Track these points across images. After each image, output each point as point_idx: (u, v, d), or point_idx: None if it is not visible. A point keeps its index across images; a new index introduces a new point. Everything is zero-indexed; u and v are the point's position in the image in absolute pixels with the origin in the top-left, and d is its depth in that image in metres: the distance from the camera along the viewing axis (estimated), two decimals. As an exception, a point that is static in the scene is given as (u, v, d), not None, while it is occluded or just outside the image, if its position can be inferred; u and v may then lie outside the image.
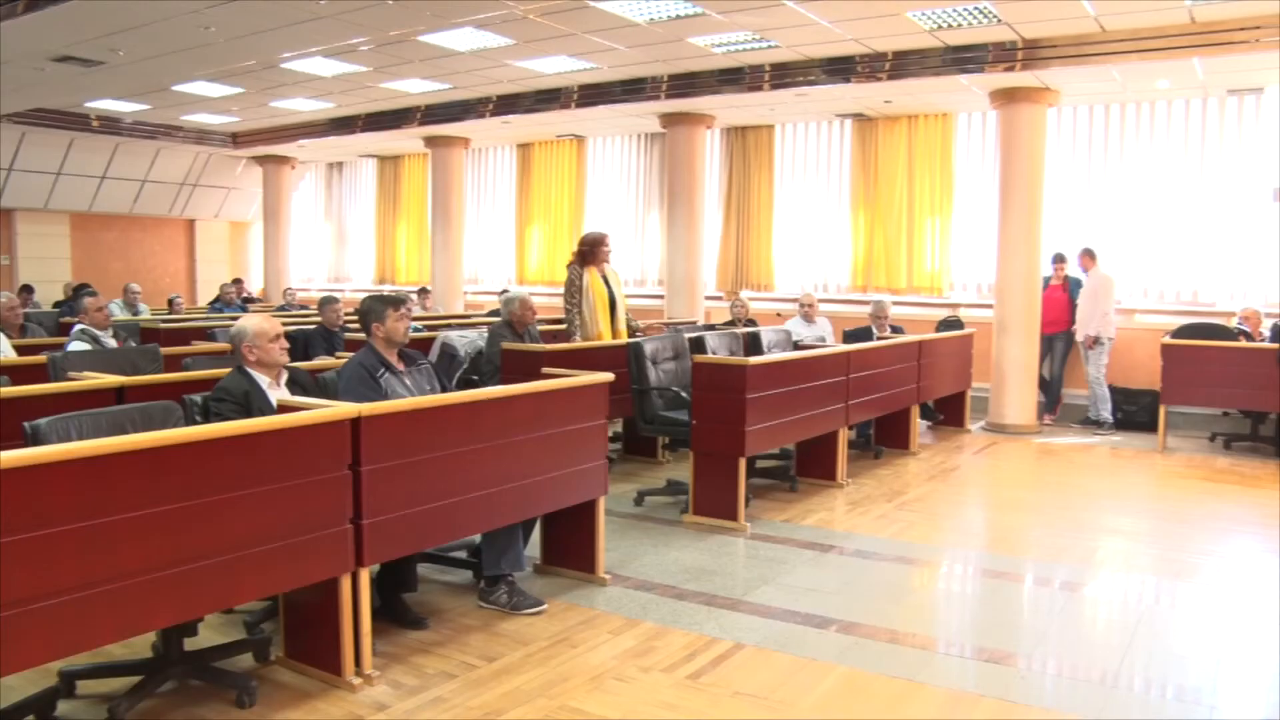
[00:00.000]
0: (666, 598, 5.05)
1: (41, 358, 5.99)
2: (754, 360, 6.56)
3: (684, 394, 6.73)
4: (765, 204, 13.94)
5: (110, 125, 15.56)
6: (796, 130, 13.73)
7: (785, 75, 10.97)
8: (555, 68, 11.42)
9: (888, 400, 8.38)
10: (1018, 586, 5.53)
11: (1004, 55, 9.54)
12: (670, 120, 12.98)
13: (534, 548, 5.29)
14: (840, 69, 10.52)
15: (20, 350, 6.68)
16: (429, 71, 11.77)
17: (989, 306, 11.31)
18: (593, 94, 12.50)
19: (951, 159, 12.45)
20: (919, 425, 9.36)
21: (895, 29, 9.22)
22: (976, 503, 7.64)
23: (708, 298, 13.66)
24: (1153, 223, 11.09)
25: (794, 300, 11.39)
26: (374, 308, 4.83)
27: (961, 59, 9.80)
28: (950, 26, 9.02)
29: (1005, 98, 10.45)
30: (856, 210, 13.18)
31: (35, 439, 3.47)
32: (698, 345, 7.23)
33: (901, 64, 10.15)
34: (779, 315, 11.99)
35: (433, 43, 10.19)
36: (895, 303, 11.18)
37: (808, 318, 10.17)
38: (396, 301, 4.87)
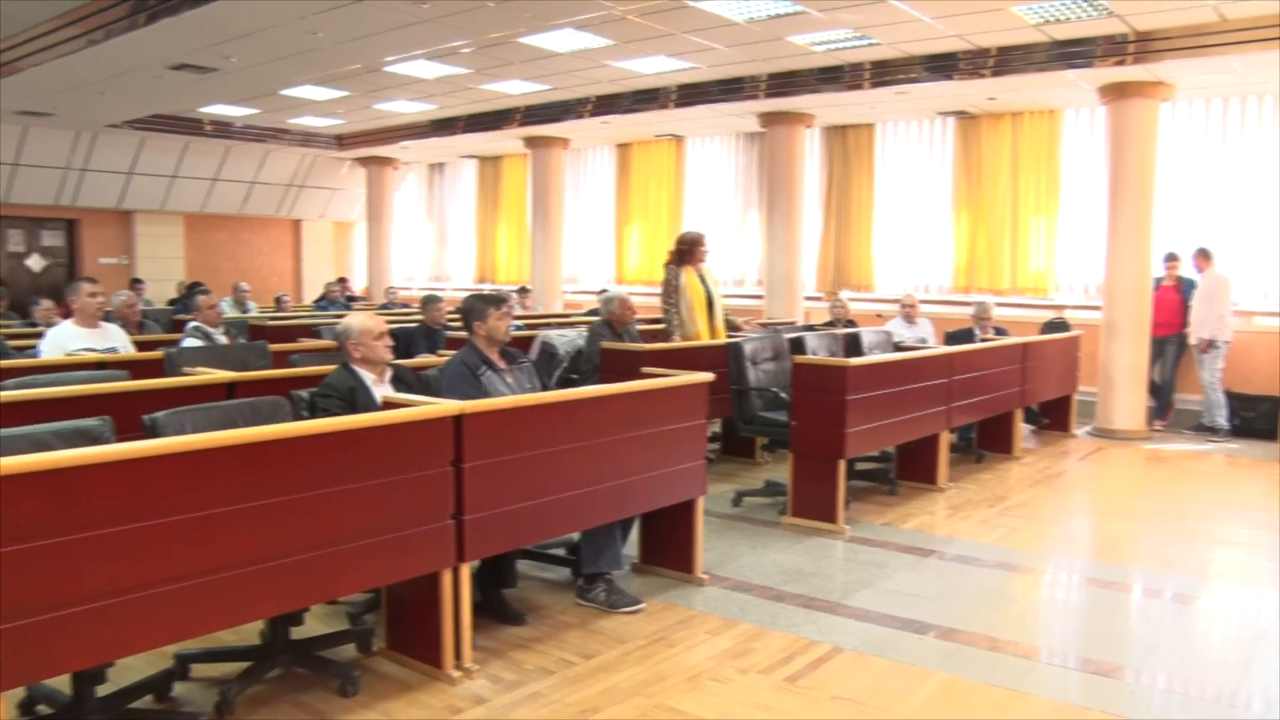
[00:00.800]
0: (764, 599, 5.02)
1: (158, 353, 6.19)
2: (855, 361, 6.49)
3: (783, 395, 6.68)
4: (865, 203, 13.77)
5: (222, 129, 16.06)
6: (897, 129, 13.53)
7: (886, 73, 10.82)
8: (654, 68, 11.43)
9: (990, 403, 8.21)
10: (1125, 597, 5.35)
11: (1114, 49, 9.26)
12: (769, 119, 12.90)
13: (632, 546, 5.31)
14: (942, 66, 10.33)
15: (138, 345, 6.90)
16: (529, 73, 11.87)
17: (1097, 308, 11.00)
18: (691, 94, 12.48)
19: (1058, 156, 12.14)
20: (1023, 429, 9.16)
21: (1000, 24, 9.02)
22: (1082, 509, 7.44)
23: (807, 298, 13.54)
24: (1273, 222, 10.65)
25: (894, 301, 11.24)
26: (476, 306, 4.89)
27: (1069, 53, 9.54)
28: (1058, 20, 8.79)
29: (1115, 93, 10.14)
30: (959, 209, 12.94)
31: (154, 431, 3.60)
32: (797, 346, 7.17)
33: (1006, 60, 9.93)
34: (879, 316, 11.83)
35: (533, 44, 10.28)
36: (998, 304, 10.95)
37: (909, 319, 10.02)
38: (498, 300, 4.93)
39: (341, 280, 16.33)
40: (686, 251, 7.83)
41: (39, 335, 7.17)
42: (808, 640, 4.47)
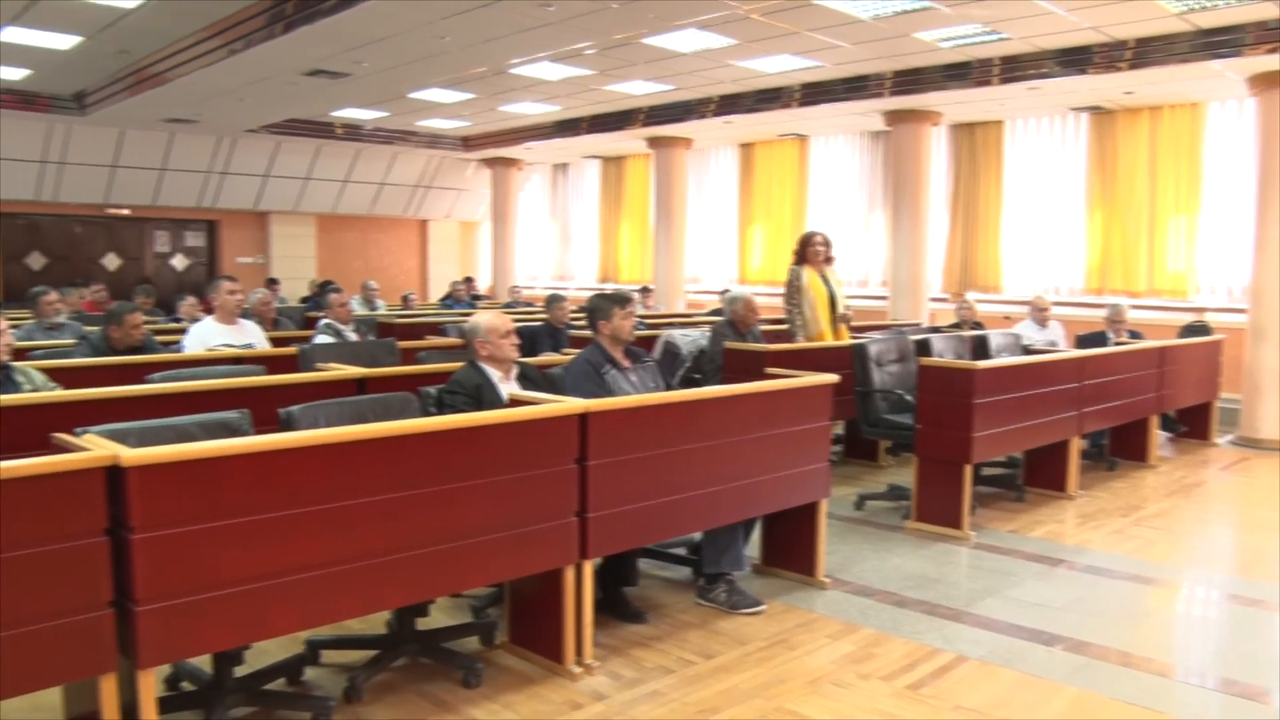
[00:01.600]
0: (887, 604, 4.95)
1: (292, 349, 6.40)
2: (982, 364, 6.35)
3: (908, 397, 6.57)
4: (993, 202, 13.45)
5: (352, 132, 16.54)
6: (1027, 125, 13.18)
7: (1016, 68, 10.54)
8: (777, 67, 11.36)
9: (1124, 409, 7.93)
10: (1271, 616, 5.05)
11: (1266, 35, 8.77)
12: (895, 118, 12.69)
13: (754, 548, 5.29)
14: (1076, 60, 10.01)
15: (273, 342, 7.14)
16: (652, 73, 11.92)
17: (1241, 311, 10.52)
18: (815, 92, 12.37)
19: (1200, 151, 11.65)
20: (1158, 437, 8.82)
21: (1139, 14, 8.69)
22: (1223, 522, 7.12)
23: (932, 299, 13.29)
24: None
25: (1023, 303, 10.94)
26: (601, 306, 4.92)
27: (1214, 43, 9.13)
28: (1202, 8, 8.42)
29: (1266, 83, 9.63)
30: (1092, 208, 12.53)
31: (289, 424, 3.73)
32: (923, 348, 7.04)
33: (1145, 51, 9.56)
34: (1007, 318, 11.54)
35: (656, 45, 10.31)
36: (1133, 306, 10.58)
37: (1039, 321, 9.74)
38: (623, 300, 4.96)
39: (467, 279, 16.64)
40: (804, 250, 7.78)
41: (182, 331, 7.49)
42: (931, 648, 4.39)
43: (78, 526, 2.82)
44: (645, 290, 14.85)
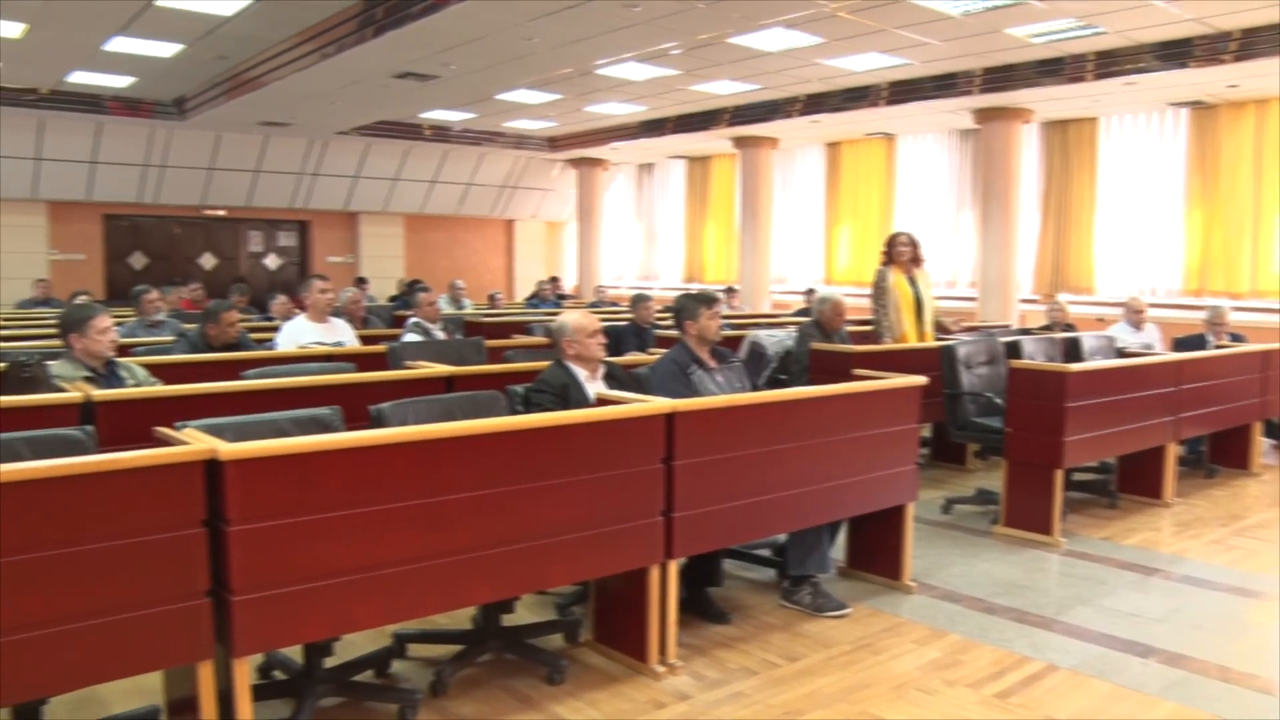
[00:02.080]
0: (974, 610, 4.85)
1: (381, 347, 6.49)
2: (1075, 367, 6.20)
3: (998, 400, 6.45)
4: (1087, 201, 13.15)
5: (440, 133, 16.79)
6: (1123, 122, 12.87)
7: (1111, 63, 10.29)
8: (864, 65, 11.26)
9: (1224, 415, 7.68)
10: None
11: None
12: (984, 115, 12.49)
13: (839, 550, 5.23)
14: (1175, 53, 9.74)
15: (363, 340, 7.26)
16: (738, 73, 11.89)
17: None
18: (903, 91, 12.23)
19: (1310, 147, 11.27)
20: (1262, 444, 8.52)
21: (1244, 3, 8.41)
22: (1332, 532, 6.86)
23: (1022, 301, 13.05)
24: None
25: (1117, 305, 10.67)
26: (688, 305, 4.92)
27: (1328, 32, 8.81)
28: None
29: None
30: (1191, 206, 12.18)
31: (379, 421, 3.78)
32: (1013, 350, 6.90)
33: (1251, 43, 9.26)
34: (1100, 320, 11.27)
35: (742, 44, 10.29)
36: (1235, 308, 10.23)
37: (1135, 323, 9.47)
38: (710, 300, 4.95)
39: (553, 279, 16.75)
40: (890, 251, 7.69)
41: (275, 329, 7.66)
42: (1020, 656, 4.30)
43: (177, 518, 2.90)
44: (730, 290, 14.81)
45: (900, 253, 7.65)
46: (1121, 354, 7.71)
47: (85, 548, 2.77)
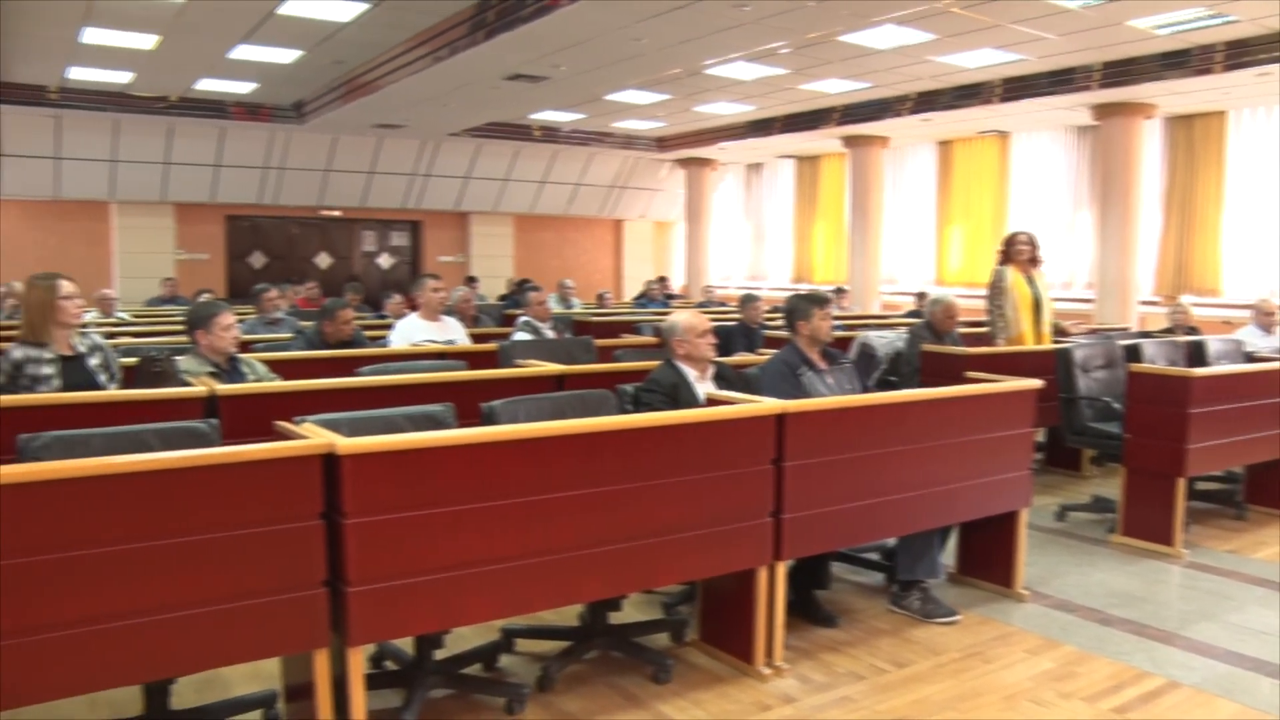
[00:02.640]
0: (1089, 621, 4.71)
1: (492, 346, 6.59)
2: (1200, 371, 5.97)
3: (1116, 405, 6.26)
4: (1213, 199, 12.67)
5: (550, 134, 16.98)
6: (1254, 115, 12.34)
7: (1243, 53, 9.89)
8: (978, 61, 11.04)
9: (1363, 422, 7.32)
10: None
11: None
12: (1103, 111, 12.13)
13: (949, 555, 5.13)
14: (1314, 41, 9.33)
15: (474, 338, 7.37)
16: (848, 71, 11.77)
17: None
18: (1017, 87, 11.96)
19: None
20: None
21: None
22: None
23: (1142, 303, 12.63)
24: None
25: (1246, 307, 10.24)
26: (800, 306, 4.88)
27: None
28: None
29: None
30: (1329, 204, 11.65)
31: (490, 418, 3.83)
32: (1133, 353, 6.69)
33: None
34: (1227, 324, 10.84)
35: (852, 42, 10.19)
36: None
37: (1265, 326, 9.08)
38: (822, 301, 4.91)
39: (661, 279, 16.79)
40: (1007, 250, 7.53)
41: (388, 327, 7.83)
42: (1139, 670, 4.15)
43: (296, 510, 2.99)
44: (840, 291, 14.64)
45: (1019, 251, 7.48)
46: (1250, 358, 7.41)
47: (209, 536, 2.87)
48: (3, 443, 3.31)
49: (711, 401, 4.13)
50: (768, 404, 3.95)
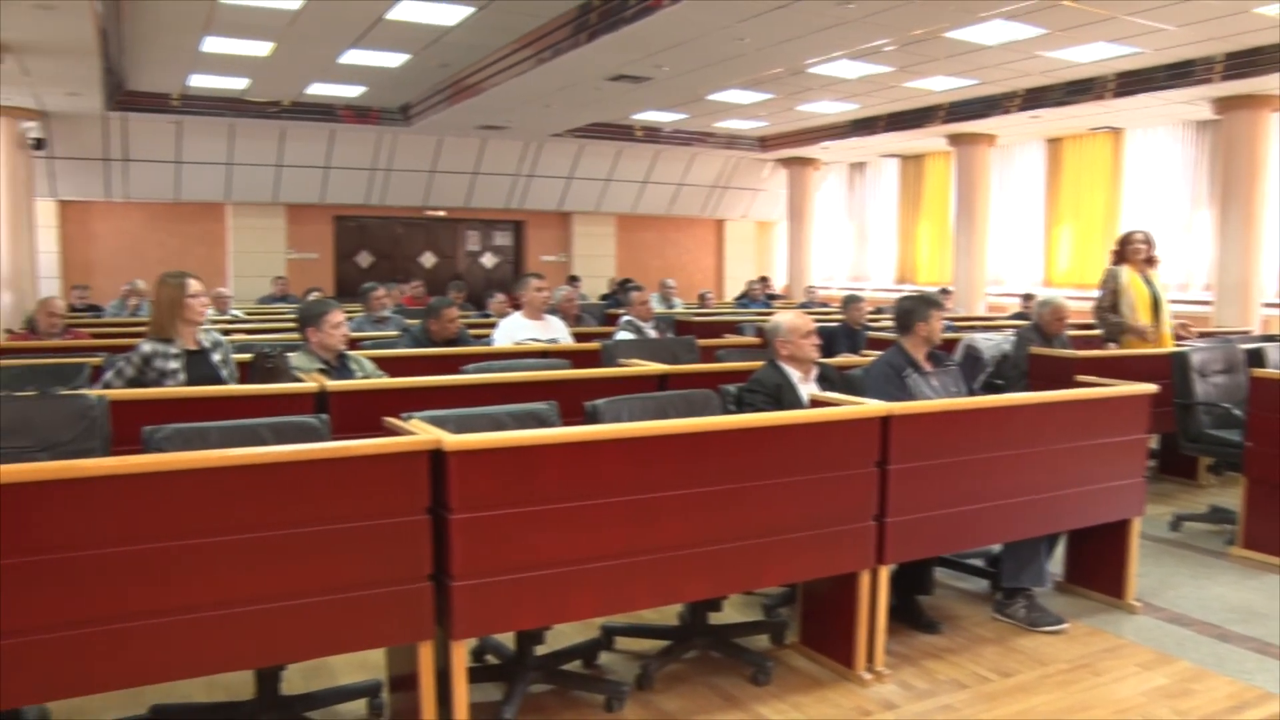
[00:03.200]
0: (1207, 637, 4.54)
1: (595, 345, 6.61)
2: (1329, 377, 5.72)
3: (1236, 412, 6.03)
4: (1342, 197, 12.12)
5: (652, 134, 17.02)
6: (1389, 108, 11.78)
7: (1380, 39, 9.44)
8: (1090, 56, 10.75)
9: None
10: None
11: None
12: (1225, 105, 11.70)
13: (1056, 564, 5.00)
14: None
15: (576, 337, 7.42)
16: (954, 68, 11.57)
17: None
18: (1132, 81, 11.60)
19: None
20: None
21: None
22: None
23: (1265, 305, 12.14)
24: None
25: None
26: (918, 308, 4.81)
27: None
28: None
29: None
30: None
31: (594, 417, 3.86)
32: (1255, 358, 6.44)
33: None
34: (1358, 326, 10.38)
35: (958, 38, 10.01)
36: None
37: (1396, 330, 8.68)
38: (938, 302, 4.86)
39: (763, 279, 16.71)
40: (1122, 250, 7.32)
41: (491, 325, 7.94)
42: (1262, 690, 3.97)
43: (403, 504, 3.05)
44: (944, 292, 14.39)
45: (1135, 251, 7.27)
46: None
47: (319, 529, 2.95)
48: (131, 433, 3.42)
49: (815, 403, 4.11)
50: (873, 406, 3.91)
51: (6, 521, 2.60)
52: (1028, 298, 12.14)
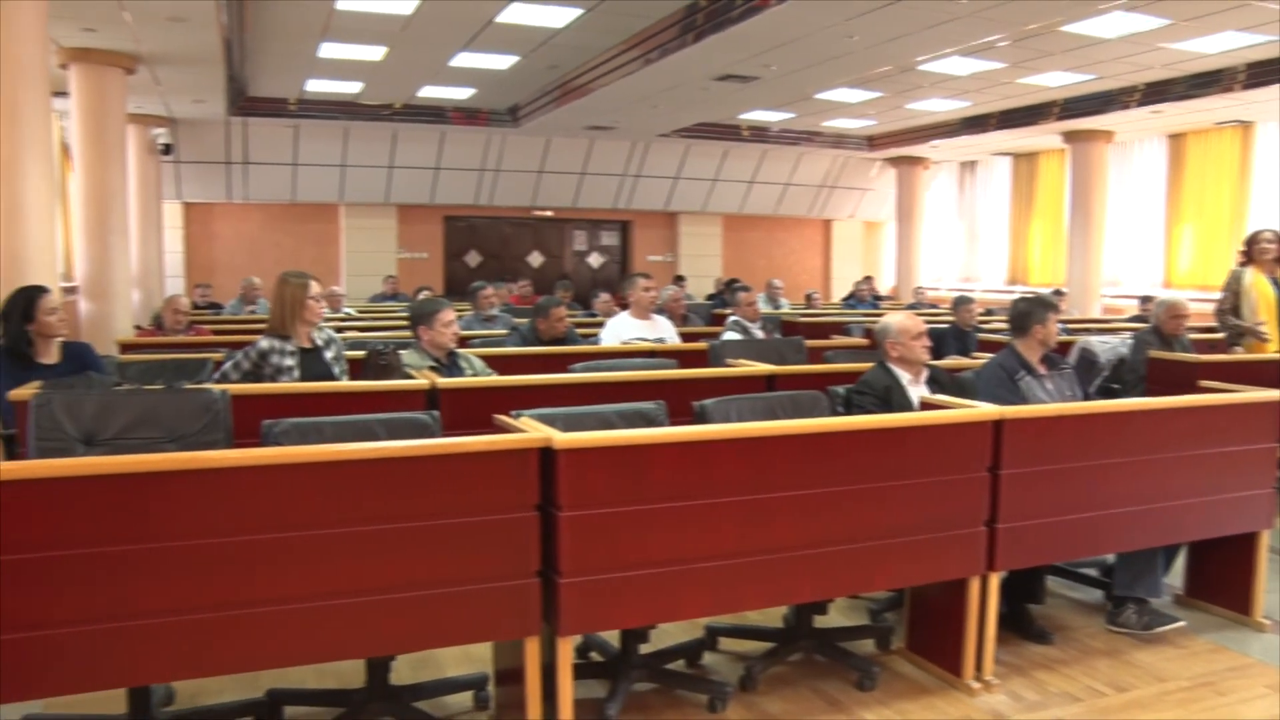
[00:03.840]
0: (1342, 657, 4.34)
1: (702, 345, 6.60)
2: None
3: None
4: None
5: (758, 134, 16.95)
6: None
7: None
8: (1218, 46, 10.35)
9: None
10: None
11: None
12: (1365, 96, 11.16)
13: (1175, 576, 4.84)
14: None
15: (683, 337, 7.42)
16: (1070, 63, 11.27)
17: None
18: (1265, 71, 11.13)
19: None
20: None
21: None
22: None
23: None
24: None
25: None
26: (1034, 309, 4.70)
27: None
28: None
29: None
30: None
31: (702, 417, 3.86)
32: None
33: None
34: None
35: (1075, 32, 9.75)
36: None
37: None
38: (1054, 305, 4.75)
39: (867, 279, 16.52)
40: (1249, 250, 7.05)
41: (598, 324, 7.99)
42: None
43: (513, 500, 3.09)
44: (1058, 293, 14.01)
45: (1264, 251, 6.99)
46: None
47: (430, 523, 3.01)
48: (250, 427, 3.54)
49: (926, 405, 4.05)
50: (985, 409, 3.84)
51: (137, 508, 2.73)
52: (1146, 300, 11.76)
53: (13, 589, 2.63)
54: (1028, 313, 4.72)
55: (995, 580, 3.90)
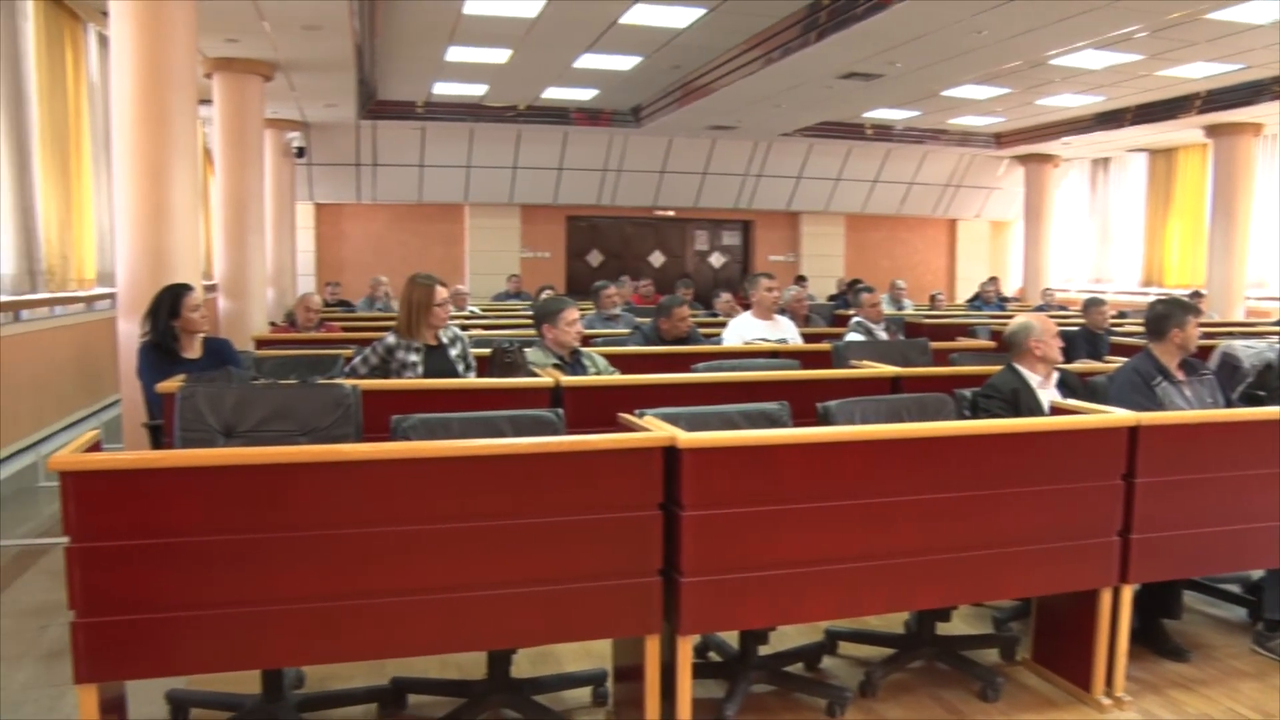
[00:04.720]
0: None
1: (825, 345, 6.53)
2: None
3: None
4: None
5: (882, 133, 16.72)
6: None
7: None
8: (1382, 29, 9.79)
9: None
10: None
11: None
12: None
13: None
14: None
15: (805, 338, 7.35)
16: (1215, 53, 10.81)
17: None
18: None
19: None
20: None
21: None
22: None
23: None
24: None
25: None
26: (1173, 312, 4.54)
27: None
28: None
29: None
30: None
31: (826, 418, 3.83)
32: None
33: None
34: None
35: (1222, 19, 9.33)
36: None
37: None
38: (1195, 308, 4.60)
39: (992, 279, 16.13)
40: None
41: (719, 324, 7.97)
42: None
43: (636, 499, 3.12)
44: (1196, 295, 13.47)
45: None
46: None
47: (554, 519, 3.06)
48: (379, 422, 3.64)
49: (1057, 410, 3.94)
50: (1119, 415, 3.72)
51: (274, 498, 2.84)
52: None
53: (160, 571, 2.77)
54: (1165, 315, 4.55)
55: (1128, 593, 3.77)
